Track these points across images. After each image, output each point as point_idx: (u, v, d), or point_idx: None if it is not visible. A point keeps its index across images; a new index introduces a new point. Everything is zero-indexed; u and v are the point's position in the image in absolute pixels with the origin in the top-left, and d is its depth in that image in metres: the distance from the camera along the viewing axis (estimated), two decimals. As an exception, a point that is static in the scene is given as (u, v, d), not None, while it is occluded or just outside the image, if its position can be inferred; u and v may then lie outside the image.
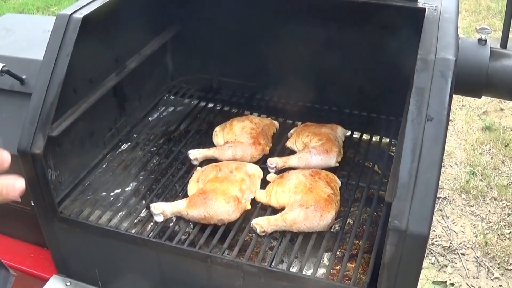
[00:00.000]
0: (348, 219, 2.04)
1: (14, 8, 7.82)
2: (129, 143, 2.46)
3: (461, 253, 3.81)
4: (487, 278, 3.62)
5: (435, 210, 4.00)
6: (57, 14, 1.98)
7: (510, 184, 4.41)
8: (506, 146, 4.86)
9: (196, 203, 1.96)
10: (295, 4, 2.40)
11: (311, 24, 2.42)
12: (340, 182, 2.14)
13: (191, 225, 2.01)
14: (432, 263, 3.74)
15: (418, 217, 1.45)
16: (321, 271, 1.85)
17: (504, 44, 2.02)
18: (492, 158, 4.73)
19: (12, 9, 7.75)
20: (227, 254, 1.86)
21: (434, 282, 3.56)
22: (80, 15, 1.95)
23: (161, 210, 1.97)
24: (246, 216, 2.01)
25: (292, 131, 2.45)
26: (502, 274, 3.64)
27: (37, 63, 1.97)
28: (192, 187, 2.11)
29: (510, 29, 2.06)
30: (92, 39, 2.08)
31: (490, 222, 4.06)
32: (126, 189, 2.20)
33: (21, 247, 2.39)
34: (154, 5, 2.51)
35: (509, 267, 3.68)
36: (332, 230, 1.96)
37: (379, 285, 1.57)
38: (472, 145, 4.88)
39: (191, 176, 2.20)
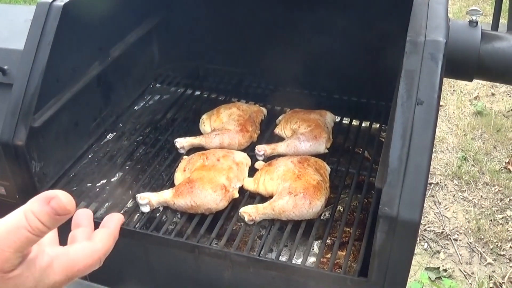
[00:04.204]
0: (338, 206, 2.01)
1: (2, 0, 7.74)
2: (115, 133, 2.41)
3: (454, 239, 3.79)
4: (480, 263, 3.61)
5: (426, 196, 3.99)
6: (37, 2, 1.94)
7: (502, 169, 4.39)
8: (498, 131, 4.84)
9: (183, 192, 1.92)
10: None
11: (298, 8, 2.38)
12: (329, 169, 2.10)
13: (178, 215, 1.97)
14: (424, 249, 3.72)
15: (409, 203, 1.41)
16: (311, 259, 1.82)
17: (495, 27, 1.98)
18: (484, 143, 4.72)
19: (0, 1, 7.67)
20: (215, 243, 1.83)
21: (427, 269, 3.55)
22: (61, 2, 1.90)
23: (147, 200, 1.93)
24: (234, 205, 1.98)
25: (280, 117, 2.42)
26: (495, 260, 3.63)
27: (18, 53, 1.92)
28: (179, 176, 2.08)
29: (501, 13, 2.02)
30: (74, 27, 2.02)
31: (483, 207, 4.05)
32: (112, 180, 2.16)
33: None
34: (138, -9, 2.46)
35: (502, 253, 3.67)
36: (322, 217, 1.93)
37: (370, 273, 1.54)
38: (463, 130, 4.87)
39: (178, 165, 2.16)
